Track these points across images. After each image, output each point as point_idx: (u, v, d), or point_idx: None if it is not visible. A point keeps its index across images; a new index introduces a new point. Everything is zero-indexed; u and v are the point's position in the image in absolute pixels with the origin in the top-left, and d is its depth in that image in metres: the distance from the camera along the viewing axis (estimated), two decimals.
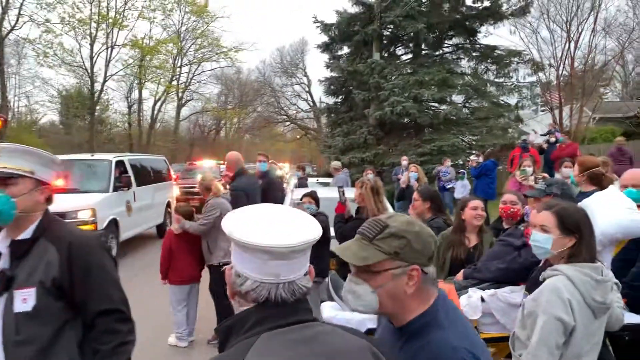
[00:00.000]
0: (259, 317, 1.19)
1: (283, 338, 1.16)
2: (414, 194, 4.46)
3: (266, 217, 1.30)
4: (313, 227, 1.27)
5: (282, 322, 1.19)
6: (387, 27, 19.75)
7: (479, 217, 3.84)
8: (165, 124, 44.73)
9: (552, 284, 2.29)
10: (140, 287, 8.20)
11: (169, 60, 33.21)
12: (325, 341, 1.19)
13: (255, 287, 1.20)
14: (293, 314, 1.21)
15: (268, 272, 1.20)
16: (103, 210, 9.54)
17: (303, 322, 1.21)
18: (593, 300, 2.24)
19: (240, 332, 1.20)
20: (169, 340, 5.65)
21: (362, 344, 1.24)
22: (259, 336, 1.16)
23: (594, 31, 21.87)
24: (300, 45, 47.37)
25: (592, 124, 24.34)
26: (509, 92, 19.48)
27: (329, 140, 21.95)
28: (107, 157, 11.14)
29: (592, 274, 2.26)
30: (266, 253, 1.18)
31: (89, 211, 9.17)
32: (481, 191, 11.86)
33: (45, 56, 26.28)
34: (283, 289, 1.20)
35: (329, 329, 1.24)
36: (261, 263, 1.19)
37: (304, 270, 1.25)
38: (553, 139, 13.71)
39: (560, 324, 2.19)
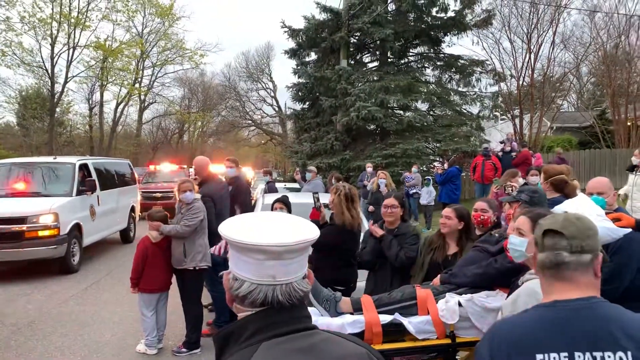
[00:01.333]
0: (259, 325, 1.18)
1: (283, 347, 1.15)
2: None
3: (263, 220, 1.31)
4: (310, 229, 1.28)
5: (282, 330, 1.18)
6: (355, 35, 19.95)
7: (444, 225, 3.95)
8: (127, 127, 43.89)
9: (529, 287, 2.37)
10: (105, 292, 8.02)
11: (132, 62, 32.56)
12: (325, 349, 1.18)
13: (252, 289, 1.19)
14: (292, 322, 1.20)
15: (264, 273, 1.19)
16: (66, 214, 9.28)
17: (302, 331, 1.20)
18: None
19: (239, 341, 1.19)
20: (138, 347, 5.53)
21: (360, 351, 1.24)
22: (259, 345, 1.15)
23: (552, 44, 22.68)
24: (266, 50, 47.37)
25: (550, 133, 25.18)
26: (472, 101, 19.94)
27: (295, 146, 21.96)
28: (71, 160, 10.85)
29: None
30: (261, 253, 1.18)
31: (51, 215, 8.93)
32: (446, 197, 12.12)
33: (3, 55, 25.37)
34: (280, 291, 1.19)
35: (327, 337, 1.23)
36: (257, 264, 1.19)
37: (302, 273, 1.24)
38: (508, 147, 14.17)
39: None
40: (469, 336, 3.12)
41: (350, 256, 4.55)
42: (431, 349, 3.13)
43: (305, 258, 1.26)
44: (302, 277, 1.25)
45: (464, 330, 3.11)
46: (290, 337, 1.18)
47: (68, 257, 9.20)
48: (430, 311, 3.13)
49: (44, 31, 26.45)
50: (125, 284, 8.34)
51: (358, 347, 1.25)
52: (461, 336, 3.12)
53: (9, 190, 9.85)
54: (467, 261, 3.37)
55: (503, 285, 3.10)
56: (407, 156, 17.00)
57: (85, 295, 7.89)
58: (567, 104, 33.35)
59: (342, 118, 18.26)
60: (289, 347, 1.15)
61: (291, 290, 1.21)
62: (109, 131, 35.84)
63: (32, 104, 30.92)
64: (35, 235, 8.74)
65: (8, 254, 8.59)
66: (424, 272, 3.81)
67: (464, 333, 3.11)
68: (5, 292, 8.02)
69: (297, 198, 5.90)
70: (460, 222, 3.86)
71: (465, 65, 20.07)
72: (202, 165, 6.38)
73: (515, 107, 23.74)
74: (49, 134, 27.98)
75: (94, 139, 34.86)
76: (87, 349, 5.63)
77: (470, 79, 20.35)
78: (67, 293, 7.96)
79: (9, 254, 8.59)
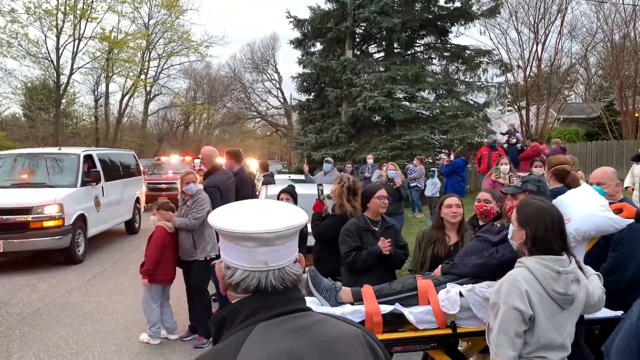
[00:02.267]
0: (253, 308, 1.20)
1: (278, 328, 1.16)
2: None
3: (252, 208, 1.33)
4: (298, 214, 1.29)
5: (276, 312, 1.19)
6: (361, 25, 19.83)
7: (455, 215, 3.90)
8: (132, 119, 43.93)
9: (512, 275, 2.42)
10: (109, 283, 8.06)
11: (138, 53, 32.52)
12: (319, 330, 1.20)
13: (244, 276, 1.21)
14: (286, 303, 1.21)
15: (256, 260, 1.20)
16: (70, 205, 9.31)
17: (296, 312, 1.22)
18: (554, 291, 2.34)
19: (235, 323, 1.20)
20: (141, 337, 5.56)
21: (355, 331, 1.26)
22: (254, 327, 1.16)
23: (560, 34, 22.45)
24: (272, 41, 47.23)
25: (557, 125, 25.01)
26: (478, 90, 19.82)
27: (300, 138, 21.91)
28: (75, 151, 10.83)
29: (552, 266, 2.36)
30: (252, 240, 1.19)
31: (55, 206, 8.95)
32: (451, 188, 12.07)
33: (9, 46, 25.40)
34: (272, 276, 1.21)
35: (322, 318, 1.25)
36: (248, 251, 1.20)
37: (293, 257, 1.26)
38: (513, 139, 14.09)
39: (518, 312, 2.30)
40: (470, 326, 3.10)
41: None
42: (432, 339, 3.11)
43: (295, 243, 1.27)
44: (294, 261, 1.26)
45: (465, 321, 3.09)
46: (284, 317, 1.19)
47: (73, 247, 9.23)
48: (431, 301, 3.11)
49: (49, 22, 26.45)
50: (129, 274, 8.43)
51: (353, 328, 1.27)
52: (462, 326, 3.10)
53: (14, 180, 9.88)
54: (468, 251, 3.34)
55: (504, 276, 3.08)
56: (412, 148, 16.93)
57: (90, 285, 7.93)
58: (574, 95, 33.12)
59: (348, 109, 18.18)
60: (283, 328, 1.17)
61: (284, 274, 1.23)
62: (115, 123, 35.88)
63: (39, 95, 31.00)
64: (40, 225, 8.76)
65: (13, 245, 8.60)
66: (425, 269, 3.77)
67: (465, 323, 3.09)
68: (10, 282, 8.07)
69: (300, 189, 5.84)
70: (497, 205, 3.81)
71: (472, 56, 19.92)
72: (210, 155, 6.33)
73: (522, 98, 23.57)
74: (54, 125, 28.05)
75: (100, 130, 34.93)
76: (91, 338, 5.66)
77: (477, 70, 20.22)
78: (71, 283, 7.99)
79: (14, 244, 8.61)
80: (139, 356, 5.19)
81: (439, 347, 3.19)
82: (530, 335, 2.34)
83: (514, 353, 2.31)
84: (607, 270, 3.35)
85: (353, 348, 1.21)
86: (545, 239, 2.40)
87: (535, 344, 2.33)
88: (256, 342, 1.13)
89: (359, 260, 3.89)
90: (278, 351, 1.12)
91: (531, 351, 2.35)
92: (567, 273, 2.36)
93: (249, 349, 1.12)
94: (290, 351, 1.13)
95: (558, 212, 2.51)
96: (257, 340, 1.14)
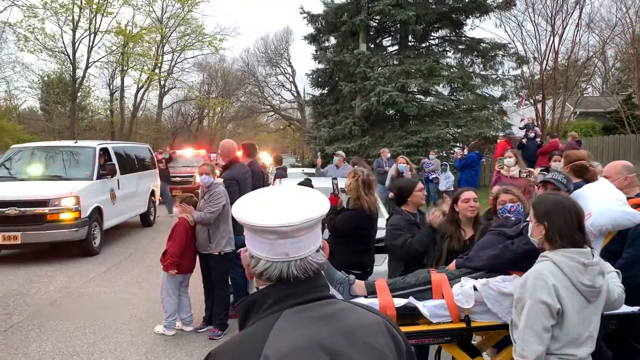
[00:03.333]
0: (280, 295, 1.22)
1: (303, 316, 1.19)
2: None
3: (273, 198, 1.33)
4: (319, 204, 1.29)
5: (301, 299, 1.21)
6: (375, 18, 19.72)
7: (473, 209, 3.88)
8: (147, 112, 44.20)
9: (537, 269, 2.37)
10: (125, 275, 8.15)
11: (152, 47, 32.68)
12: (344, 318, 1.22)
13: (267, 267, 1.23)
14: (310, 291, 1.23)
15: (277, 251, 1.22)
16: (87, 198, 9.41)
17: (321, 299, 1.24)
18: (581, 284, 2.29)
19: (262, 309, 1.22)
20: (156, 328, 5.62)
21: (377, 319, 1.28)
22: (281, 313, 1.19)
23: (578, 26, 22.09)
24: (285, 34, 47.16)
25: (573, 119, 24.68)
26: (494, 83, 19.63)
27: (314, 132, 21.90)
28: (91, 144, 10.94)
29: (578, 258, 2.31)
30: (272, 233, 1.21)
31: (72, 199, 9.05)
32: (465, 183, 11.99)
33: (27, 41, 25.67)
34: (294, 266, 1.22)
35: (345, 306, 1.27)
36: (269, 243, 1.22)
37: (316, 246, 1.27)
38: (532, 134, 13.93)
39: (545, 306, 2.25)
40: (484, 320, 3.08)
41: (367, 241, 4.52)
42: (445, 333, 3.10)
43: (317, 232, 1.28)
44: (316, 250, 1.27)
45: (479, 315, 3.07)
46: (310, 305, 1.21)
47: (89, 239, 9.34)
48: (445, 295, 3.10)
49: (65, 16, 26.67)
50: (145, 267, 8.53)
51: (376, 316, 1.29)
52: (476, 320, 3.08)
53: (32, 173, 10.00)
54: (484, 245, 3.31)
55: (520, 269, 3.06)
56: (427, 145, 16.85)
57: (106, 277, 8.03)
58: (591, 88, 32.65)
59: (361, 103, 18.12)
60: (309, 315, 1.19)
61: (306, 264, 1.24)
62: (130, 116, 36.14)
63: (55, 89, 31.31)
64: (57, 218, 8.88)
65: (31, 236, 8.73)
66: (443, 261, 3.75)
67: (479, 317, 3.08)
68: (28, 273, 8.20)
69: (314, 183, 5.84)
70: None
71: (487, 49, 19.74)
72: (229, 148, 6.33)
73: (538, 91, 23.27)
74: (70, 118, 28.33)
75: (115, 123, 35.20)
76: (108, 329, 5.74)
77: (492, 62, 20.02)
78: (88, 275, 8.10)
79: (32, 236, 8.74)
80: (154, 347, 5.25)
81: (452, 341, 3.17)
82: (559, 329, 2.29)
83: (542, 348, 2.26)
84: (623, 266, 3.31)
85: (376, 335, 1.22)
86: (564, 231, 2.36)
87: (565, 339, 2.29)
88: (283, 329, 1.15)
89: (416, 242, 3.92)
90: (305, 338, 1.14)
91: (560, 347, 2.30)
92: (592, 265, 2.32)
93: (277, 336, 1.14)
94: (317, 338, 1.15)
95: (575, 204, 2.46)
96: (284, 327, 1.16)
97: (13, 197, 8.83)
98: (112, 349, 5.21)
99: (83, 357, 4.99)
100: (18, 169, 10.20)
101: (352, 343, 1.17)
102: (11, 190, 9.08)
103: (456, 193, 4.01)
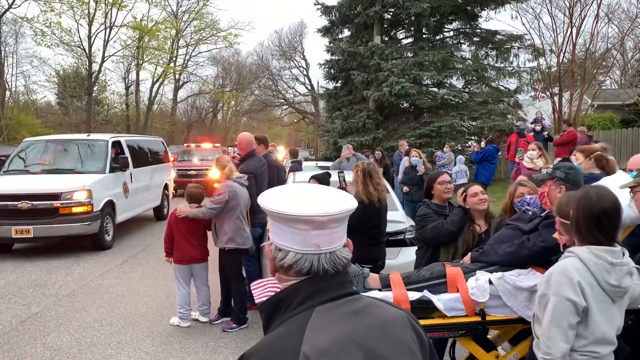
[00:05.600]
0: (310, 291, 1.21)
1: (336, 312, 1.18)
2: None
3: (304, 191, 1.34)
4: (349, 198, 1.31)
5: (331, 295, 1.21)
6: (389, 10, 19.59)
7: (482, 202, 3.85)
8: (162, 106, 44.52)
9: (562, 265, 2.29)
10: (140, 267, 8.23)
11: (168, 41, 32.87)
12: (372, 313, 1.23)
13: (297, 259, 1.22)
14: (339, 287, 1.23)
15: (308, 243, 1.22)
16: (99, 191, 9.36)
17: (349, 295, 1.24)
18: (607, 283, 2.22)
19: (291, 307, 1.21)
20: (172, 320, 5.67)
21: (400, 313, 1.29)
22: (313, 310, 1.18)
23: (597, 17, 21.71)
24: (299, 28, 47.18)
25: (591, 112, 24.33)
26: (509, 75, 19.39)
27: (327, 125, 21.87)
28: (104, 137, 10.87)
29: (606, 257, 2.23)
30: (306, 223, 1.20)
31: (84, 192, 9.02)
32: (482, 176, 11.88)
33: (44, 35, 25.96)
34: (324, 259, 1.22)
35: (371, 301, 1.28)
36: (302, 234, 1.21)
37: (343, 242, 1.28)
38: (539, 127, 13.73)
39: (571, 304, 2.19)
40: (499, 314, 3.06)
41: (376, 233, 4.47)
42: (460, 327, 3.09)
43: (345, 227, 1.29)
44: (343, 245, 1.28)
45: (494, 309, 3.05)
46: (340, 301, 1.21)
47: (101, 233, 9.31)
48: (459, 289, 3.08)
49: (82, 10, 26.90)
50: (160, 259, 8.59)
51: (399, 311, 1.31)
52: (491, 314, 3.07)
53: (44, 166, 10.01)
54: (499, 239, 3.29)
55: (536, 264, 3.03)
56: (441, 135, 16.72)
57: (122, 269, 8.12)
58: (609, 80, 32.14)
59: (374, 93, 17.99)
60: (341, 311, 1.19)
61: (335, 258, 1.24)
62: (145, 110, 36.43)
63: (72, 83, 31.63)
64: (69, 211, 8.85)
65: (43, 230, 8.70)
66: (459, 256, 3.72)
67: (494, 311, 3.06)
68: (46, 264, 8.33)
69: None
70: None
71: (502, 41, 19.50)
72: (247, 141, 6.33)
73: (555, 84, 22.95)
74: (87, 112, 28.63)
75: (130, 117, 35.51)
76: (124, 320, 5.80)
77: (507, 55, 19.78)
78: (104, 267, 8.20)
79: (44, 229, 8.70)
80: (170, 338, 5.30)
81: (467, 335, 3.16)
82: (584, 328, 2.23)
83: (567, 346, 2.22)
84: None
85: (402, 330, 1.24)
86: (591, 228, 2.28)
87: (590, 337, 2.24)
88: (319, 327, 1.15)
89: (447, 222, 3.82)
90: (340, 335, 1.14)
91: (585, 344, 2.25)
92: (621, 265, 2.25)
93: (313, 334, 1.13)
94: (351, 335, 1.15)
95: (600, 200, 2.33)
96: (319, 324, 1.15)
97: (25, 190, 8.81)
98: (128, 340, 5.27)
99: (100, 348, 5.06)
100: (30, 162, 10.18)
101: (382, 338, 1.18)
102: (23, 184, 9.06)
103: (461, 190, 3.96)
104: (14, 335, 5.40)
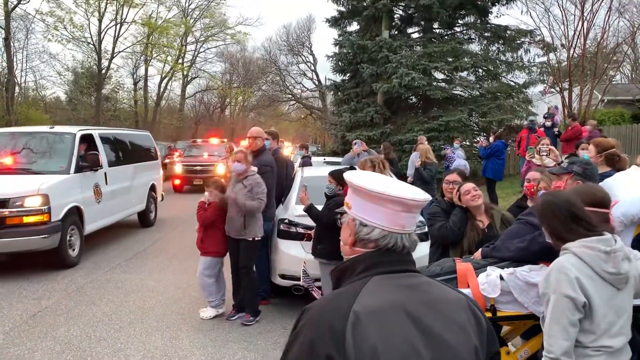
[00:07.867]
0: (371, 262, 1.37)
1: (391, 282, 1.33)
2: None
3: (390, 180, 1.51)
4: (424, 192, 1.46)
5: (390, 268, 1.36)
6: (398, 4, 19.45)
7: (475, 197, 3.82)
8: (170, 102, 44.65)
9: (559, 262, 2.33)
10: (148, 262, 8.26)
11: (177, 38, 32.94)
12: (427, 290, 1.35)
13: (383, 235, 1.37)
14: (401, 262, 1.38)
15: (398, 223, 1.37)
16: (59, 196, 7.60)
17: (409, 272, 1.38)
18: (605, 272, 2.25)
19: (354, 273, 1.37)
20: (204, 315, 5.72)
21: (459, 296, 1.41)
22: (370, 278, 1.33)
23: (610, 9, 21.42)
24: (307, 22, 47.03)
25: (601, 107, 24.10)
26: (519, 70, 19.23)
27: (335, 119, 21.80)
28: (71, 129, 8.96)
29: (599, 246, 2.27)
30: (400, 204, 1.36)
31: (39, 198, 7.25)
32: (490, 171, 11.79)
33: (55, 29, 26.07)
34: (406, 239, 1.38)
35: (429, 280, 1.41)
36: (393, 214, 1.36)
37: (415, 227, 1.45)
38: (549, 122, 13.59)
39: (569, 300, 2.22)
40: (510, 310, 3.04)
41: None
42: None
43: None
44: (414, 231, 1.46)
45: (506, 305, 3.03)
46: (398, 274, 1.36)
47: (63, 248, 7.59)
48: (470, 285, 3.06)
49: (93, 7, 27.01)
50: (168, 254, 8.65)
51: (457, 294, 1.43)
52: (502, 310, 3.05)
53: None
54: (511, 234, 3.26)
55: (547, 260, 3.00)
56: (449, 130, 16.60)
57: (131, 264, 8.15)
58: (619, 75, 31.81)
59: (383, 85, 17.83)
60: (396, 283, 1.33)
61: (412, 239, 1.41)
62: (153, 106, 36.56)
63: (82, 78, 31.74)
64: (20, 222, 7.12)
65: None
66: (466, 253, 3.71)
67: (506, 307, 3.04)
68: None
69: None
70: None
71: (512, 36, 19.30)
72: (261, 135, 6.40)
73: (565, 79, 22.75)
74: (95, 108, 28.76)
75: (139, 113, 35.64)
76: (133, 315, 5.83)
77: (518, 50, 19.61)
78: (113, 262, 8.23)
79: None
80: (179, 333, 5.32)
81: None
82: (590, 322, 2.25)
83: (568, 343, 2.23)
84: None
85: (457, 311, 1.33)
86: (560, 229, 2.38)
87: (597, 331, 2.24)
88: (372, 291, 1.29)
89: (451, 222, 3.87)
90: (390, 301, 1.27)
91: (595, 339, 2.25)
92: (615, 251, 2.27)
93: (366, 296, 1.27)
94: (401, 303, 1.28)
95: (567, 198, 2.43)
96: (373, 289, 1.30)
97: None
98: (137, 334, 5.30)
99: (109, 342, 5.08)
100: None
101: (433, 313, 1.29)
102: None
103: (455, 190, 3.96)
104: (25, 329, 5.43)
